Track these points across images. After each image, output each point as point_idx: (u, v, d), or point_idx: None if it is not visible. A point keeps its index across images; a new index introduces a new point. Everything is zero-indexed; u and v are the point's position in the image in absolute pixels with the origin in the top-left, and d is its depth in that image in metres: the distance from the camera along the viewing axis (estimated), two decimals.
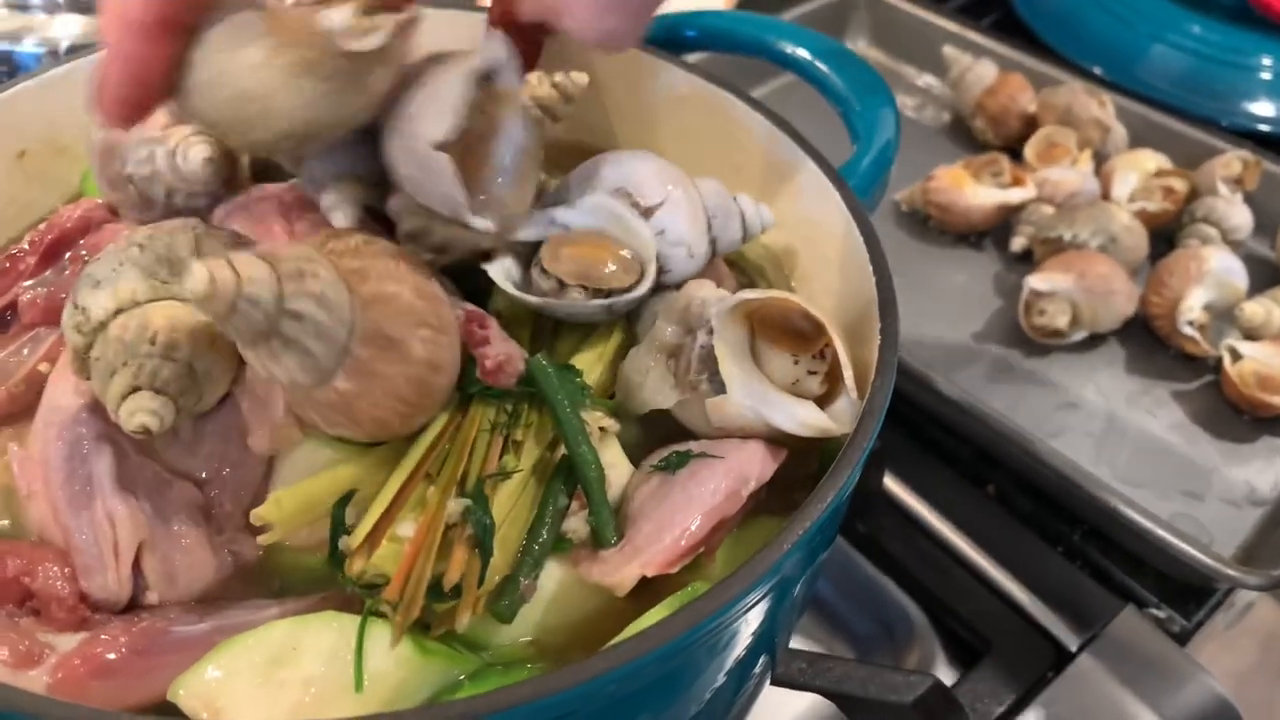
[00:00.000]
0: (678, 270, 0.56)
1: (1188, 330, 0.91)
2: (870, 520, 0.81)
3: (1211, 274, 0.92)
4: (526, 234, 0.55)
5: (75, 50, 0.69)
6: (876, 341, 0.51)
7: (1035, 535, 0.81)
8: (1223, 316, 0.93)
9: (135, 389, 0.44)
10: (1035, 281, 0.91)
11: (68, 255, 0.61)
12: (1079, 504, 0.79)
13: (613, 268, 0.54)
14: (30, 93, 0.65)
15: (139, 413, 0.43)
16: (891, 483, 0.83)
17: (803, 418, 0.50)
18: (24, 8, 0.88)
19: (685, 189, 0.57)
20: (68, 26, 0.88)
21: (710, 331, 0.51)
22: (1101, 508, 0.76)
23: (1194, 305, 0.91)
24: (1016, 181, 1.05)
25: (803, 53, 0.70)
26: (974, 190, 1.03)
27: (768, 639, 0.52)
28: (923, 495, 0.82)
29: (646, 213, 0.55)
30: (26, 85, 0.65)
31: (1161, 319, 0.93)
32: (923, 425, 0.87)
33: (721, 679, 0.49)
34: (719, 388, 0.51)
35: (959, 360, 0.91)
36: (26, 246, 0.61)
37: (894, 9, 1.30)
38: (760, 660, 0.54)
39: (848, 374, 0.50)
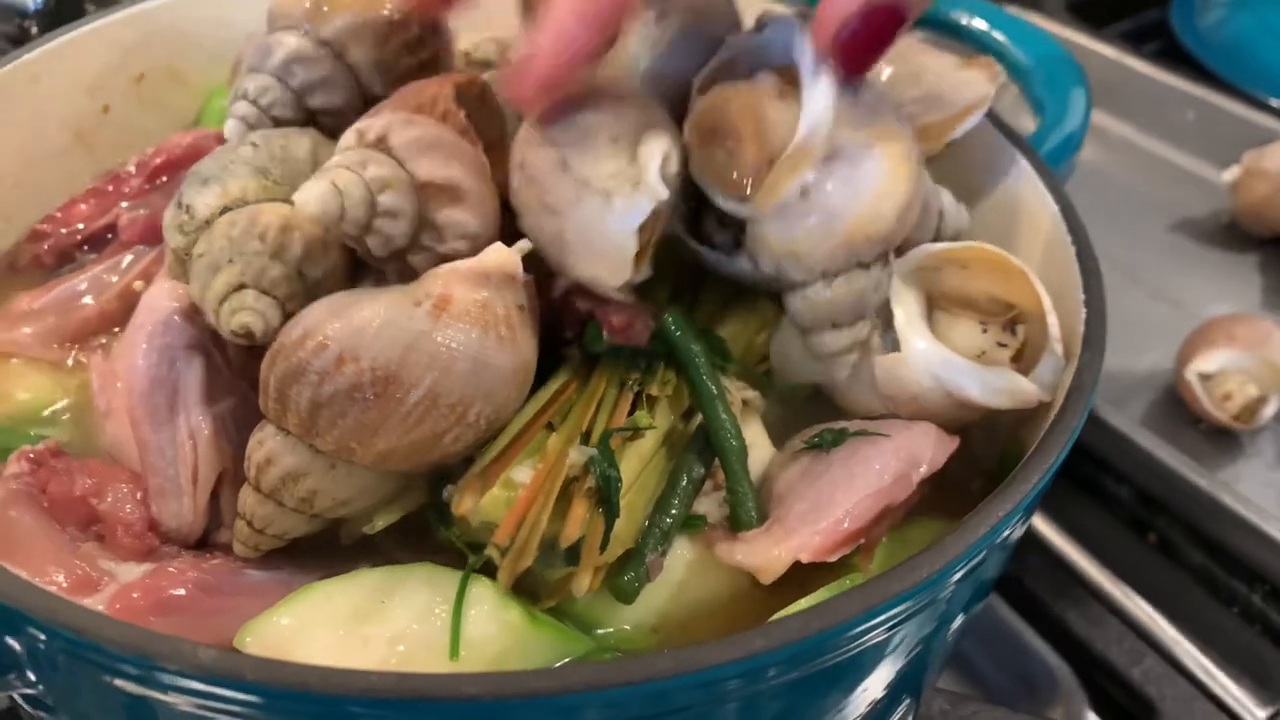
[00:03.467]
0: None
1: None
2: (1013, 559, 0.72)
3: None
4: None
5: None
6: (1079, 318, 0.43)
7: (1205, 592, 0.71)
8: None
9: (240, 286, 0.39)
10: (1200, 365, 0.76)
11: (173, 179, 0.57)
12: (1259, 559, 0.69)
13: None
14: (154, 12, 0.62)
15: (242, 311, 0.38)
16: (1039, 520, 0.74)
17: (997, 383, 0.42)
18: None
19: None
20: None
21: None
22: None
23: None
24: None
25: (979, 23, 0.64)
26: None
27: (920, 666, 0.44)
28: (1074, 537, 0.73)
29: None
30: (152, 4, 0.62)
31: None
32: (1076, 459, 0.77)
33: (864, 706, 0.41)
34: (891, 346, 0.44)
35: (1120, 389, 0.81)
36: (133, 170, 0.58)
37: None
38: (905, 695, 0.46)
39: (1054, 327, 0.42)
